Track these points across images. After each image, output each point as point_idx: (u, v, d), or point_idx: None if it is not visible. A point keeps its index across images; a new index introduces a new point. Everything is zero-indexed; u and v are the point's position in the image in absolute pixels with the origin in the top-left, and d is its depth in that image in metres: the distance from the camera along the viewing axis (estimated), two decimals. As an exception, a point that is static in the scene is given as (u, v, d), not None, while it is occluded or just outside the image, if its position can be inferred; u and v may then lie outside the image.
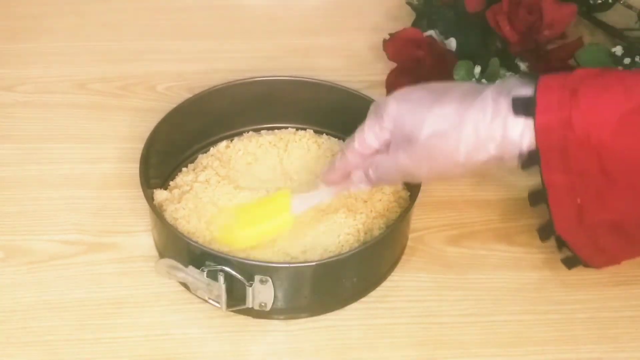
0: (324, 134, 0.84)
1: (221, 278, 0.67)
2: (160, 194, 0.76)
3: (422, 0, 0.97)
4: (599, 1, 0.98)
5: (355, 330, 0.70)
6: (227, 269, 0.66)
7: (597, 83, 0.61)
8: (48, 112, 0.90)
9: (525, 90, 0.62)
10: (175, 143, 0.81)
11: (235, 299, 0.68)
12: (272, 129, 0.85)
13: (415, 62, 0.89)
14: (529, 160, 0.62)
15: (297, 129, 0.85)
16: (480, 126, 0.61)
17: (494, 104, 0.61)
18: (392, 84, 0.90)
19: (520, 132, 0.61)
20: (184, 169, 0.81)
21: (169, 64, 0.97)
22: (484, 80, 0.82)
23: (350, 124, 0.83)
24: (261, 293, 0.68)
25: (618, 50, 0.87)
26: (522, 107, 0.61)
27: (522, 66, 0.87)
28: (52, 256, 0.75)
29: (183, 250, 0.69)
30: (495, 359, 0.69)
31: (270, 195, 0.76)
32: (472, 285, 0.74)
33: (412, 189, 0.76)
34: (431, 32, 0.91)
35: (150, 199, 0.72)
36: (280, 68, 0.94)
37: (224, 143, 0.83)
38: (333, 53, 1.00)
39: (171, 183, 0.79)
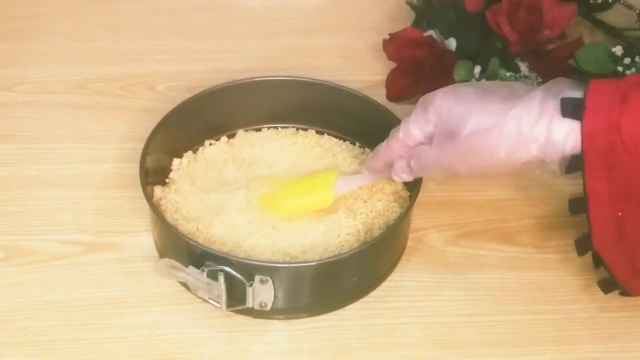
0: (325, 134, 0.84)
1: (221, 278, 0.67)
2: (159, 190, 0.77)
3: (422, 0, 0.97)
4: (599, 1, 0.98)
5: (355, 330, 0.70)
6: (227, 268, 0.66)
7: None
8: (48, 112, 0.90)
9: (575, 93, 0.61)
10: (176, 143, 0.81)
11: (235, 299, 0.68)
12: (274, 128, 0.85)
13: (415, 62, 0.89)
14: (573, 165, 0.61)
15: (298, 128, 0.85)
16: (523, 125, 0.61)
17: (541, 104, 0.61)
18: (392, 84, 0.90)
19: (565, 135, 0.60)
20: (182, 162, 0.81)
21: (169, 64, 0.97)
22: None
23: (351, 125, 0.83)
24: (261, 293, 0.68)
25: (618, 50, 0.87)
26: (571, 108, 0.60)
27: (522, 66, 0.87)
28: (52, 256, 0.75)
29: (183, 250, 0.69)
30: (495, 359, 0.69)
31: (317, 173, 0.78)
32: (472, 285, 0.74)
33: (412, 189, 0.76)
34: (431, 32, 0.91)
35: (150, 199, 0.72)
36: (280, 68, 0.94)
37: (224, 140, 0.83)
38: (333, 53, 1.00)
39: (170, 176, 0.79)
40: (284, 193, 0.75)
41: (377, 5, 1.06)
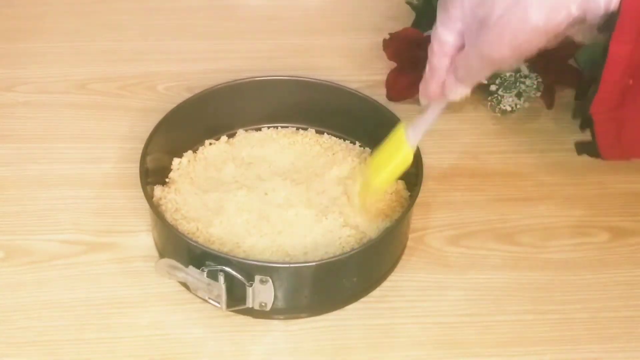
0: (325, 133, 0.84)
1: (221, 278, 0.67)
2: (159, 190, 0.77)
3: (422, 0, 0.97)
4: (599, 1, 0.98)
5: (355, 330, 0.70)
6: (227, 269, 0.66)
7: None
8: (48, 112, 0.90)
9: None
10: (176, 143, 0.81)
11: (236, 299, 0.68)
12: (274, 128, 0.85)
13: (415, 62, 0.89)
14: (606, 24, 0.59)
15: (298, 128, 0.85)
16: None
17: None
18: (392, 83, 0.90)
19: None
20: (182, 162, 0.81)
21: (169, 64, 0.97)
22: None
23: (351, 124, 0.83)
24: (261, 293, 0.68)
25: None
26: None
27: (522, 66, 0.86)
28: (52, 256, 0.75)
29: (183, 250, 0.69)
30: (495, 359, 0.69)
31: (388, 137, 0.74)
32: (472, 285, 0.74)
33: (412, 189, 0.76)
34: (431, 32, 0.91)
35: (150, 199, 0.72)
36: (280, 68, 0.94)
37: (224, 140, 0.83)
38: (333, 53, 1.00)
39: (170, 175, 0.79)
40: (370, 174, 0.73)
41: (377, 5, 1.06)
